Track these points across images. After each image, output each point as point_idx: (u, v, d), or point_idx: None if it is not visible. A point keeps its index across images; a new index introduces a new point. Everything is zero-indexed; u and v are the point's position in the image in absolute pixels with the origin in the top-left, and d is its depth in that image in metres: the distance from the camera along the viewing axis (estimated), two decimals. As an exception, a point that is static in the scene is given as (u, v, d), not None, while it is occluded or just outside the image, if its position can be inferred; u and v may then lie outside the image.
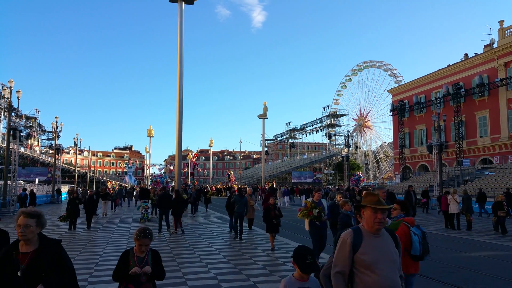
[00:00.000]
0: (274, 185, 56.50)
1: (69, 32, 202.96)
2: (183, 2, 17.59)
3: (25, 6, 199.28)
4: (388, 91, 65.51)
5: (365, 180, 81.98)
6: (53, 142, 48.25)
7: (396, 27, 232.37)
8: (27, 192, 26.80)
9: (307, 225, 8.95)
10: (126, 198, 35.39)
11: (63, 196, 39.48)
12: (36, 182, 51.22)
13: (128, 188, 42.05)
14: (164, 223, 14.95)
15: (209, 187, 50.93)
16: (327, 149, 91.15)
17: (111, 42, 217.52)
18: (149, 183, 59.74)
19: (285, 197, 33.51)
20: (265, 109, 50.08)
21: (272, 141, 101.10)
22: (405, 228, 4.81)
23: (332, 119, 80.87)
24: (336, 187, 45.98)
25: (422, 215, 23.67)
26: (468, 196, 17.61)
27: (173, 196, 15.74)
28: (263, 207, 15.64)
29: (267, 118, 50.38)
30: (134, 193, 36.34)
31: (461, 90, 45.12)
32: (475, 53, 46.09)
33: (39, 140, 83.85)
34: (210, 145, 72.31)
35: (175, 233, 14.59)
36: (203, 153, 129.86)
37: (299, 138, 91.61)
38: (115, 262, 3.83)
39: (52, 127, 42.00)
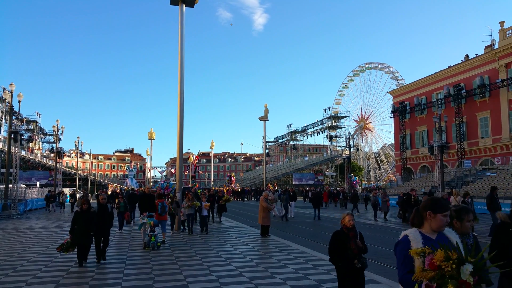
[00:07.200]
0: (276, 187, 56.27)
1: (70, 35, 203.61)
2: (184, 5, 17.56)
3: (27, 9, 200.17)
4: (389, 92, 65.51)
5: (365, 181, 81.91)
6: (54, 145, 48.32)
7: (397, 29, 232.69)
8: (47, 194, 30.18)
9: None
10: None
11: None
12: (37, 185, 51.19)
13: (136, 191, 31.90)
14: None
15: (222, 189, 41.62)
16: (328, 151, 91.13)
17: (112, 45, 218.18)
18: (151, 185, 59.64)
19: (291, 202, 24.58)
20: (266, 111, 50.11)
21: (273, 143, 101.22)
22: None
23: (333, 121, 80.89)
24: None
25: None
26: (472, 198, 17.51)
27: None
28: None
29: (268, 120, 50.43)
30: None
31: (462, 91, 45.08)
32: (476, 54, 46.08)
33: (40, 143, 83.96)
34: (211, 148, 72.24)
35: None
36: (204, 155, 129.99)
37: (300, 140, 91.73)
38: None
39: (53, 130, 42.06)
